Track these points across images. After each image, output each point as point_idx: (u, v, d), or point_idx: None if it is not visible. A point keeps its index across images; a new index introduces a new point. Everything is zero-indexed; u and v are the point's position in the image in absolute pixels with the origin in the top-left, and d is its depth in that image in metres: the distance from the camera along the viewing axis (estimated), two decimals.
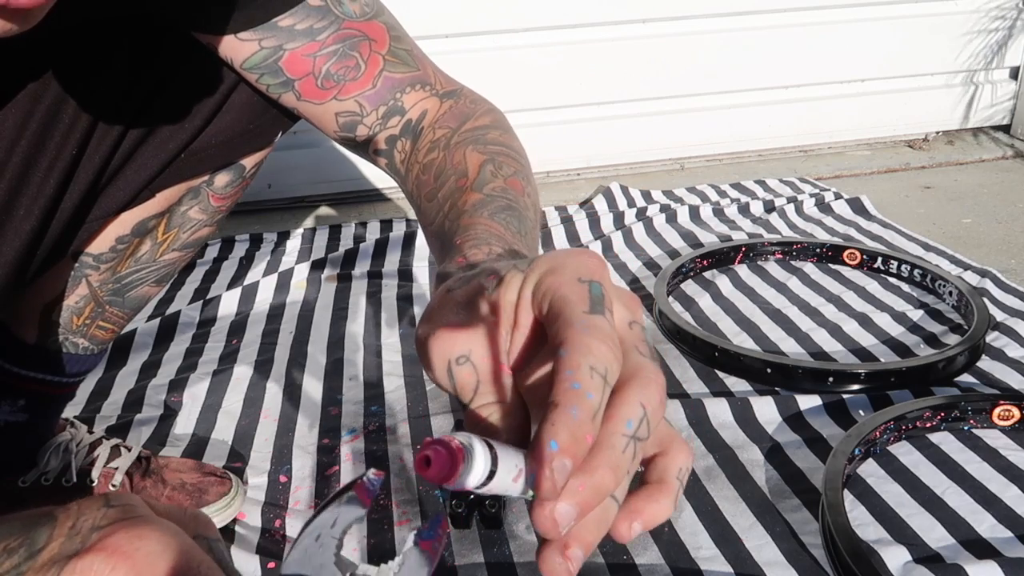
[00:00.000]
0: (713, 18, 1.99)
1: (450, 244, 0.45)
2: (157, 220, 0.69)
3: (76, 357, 0.75)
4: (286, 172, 1.90)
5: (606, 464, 0.27)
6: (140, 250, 0.70)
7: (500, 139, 0.58)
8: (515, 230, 0.46)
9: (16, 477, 0.79)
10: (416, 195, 0.57)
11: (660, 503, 0.30)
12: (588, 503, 0.27)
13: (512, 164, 0.55)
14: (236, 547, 0.81)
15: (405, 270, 1.49)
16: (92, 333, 0.74)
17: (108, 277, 0.71)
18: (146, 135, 0.62)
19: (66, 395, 0.79)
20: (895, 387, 1.04)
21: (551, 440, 0.26)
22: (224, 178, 0.69)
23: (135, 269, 0.71)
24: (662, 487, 0.31)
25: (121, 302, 0.73)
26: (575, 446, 0.27)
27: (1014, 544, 0.79)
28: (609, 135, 2.04)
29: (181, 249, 0.73)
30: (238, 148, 0.67)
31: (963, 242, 1.57)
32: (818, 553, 0.79)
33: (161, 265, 0.73)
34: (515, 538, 0.83)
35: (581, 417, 0.27)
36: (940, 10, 2.10)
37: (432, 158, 0.57)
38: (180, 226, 0.71)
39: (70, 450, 0.81)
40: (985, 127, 2.28)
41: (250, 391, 1.11)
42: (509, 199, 0.50)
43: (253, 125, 0.65)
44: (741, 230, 1.61)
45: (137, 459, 0.84)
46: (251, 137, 0.67)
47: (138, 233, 0.69)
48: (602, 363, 0.28)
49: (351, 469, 0.94)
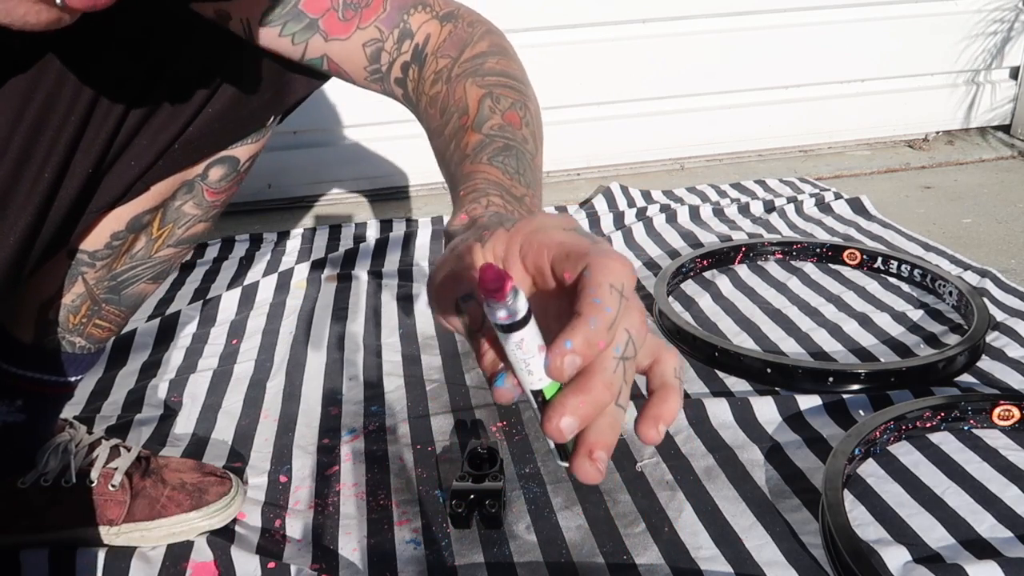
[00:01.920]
0: (713, 18, 1.99)
1: (455, 193, 0.51)
2: (151, 215, 0.68)
3: (73, 357, 0.75)
4: (286, 172, 1.90)
5: (601, 383, 0.33)
6: (135, 247, 0.70)
7: (498, 67, 0.60)
8: (513, 171, 0.52)
9: (15, 478, 0.79)
10: (427, 128, 0.61)
11: (669, 402, 0.36)
12: (588, 415, 0.33)
13: (510, 95, 0.58)
14: (236, 547, 0.81)
15: (405, 270, 1.49)
16: (89, 332, 0.74)
17: (104, 275, 0.70)
18: (142, 122, 0.61)
19: (65, 395, 0.79)
20: (895, 387, 1.04)
21: (567, 340, 0.31)
22: (218, 171, 0.69)
23: (131, 266, 0.71)
24: (666, 389, 0.36)
25: (118, 300, 0.73)
26: (587, 349, 0.31)
27: (1014, 544, 0.79)
28: (609, 135, 2.04)
29: (176, 245, 0.72)
30: (231, 134, 0.67)
31: (963, 242, 1.57)
32: (818, 553, 0.79)
33: (157, 262, 0.72)
34: (515, 538, 0.83)
35: (599, 326, 0.32)
36: (940, 10, 2.10)
37: (437, 91, 0.60)
38: (175, 221, 0.70)
39: (69, 451, 0.81)
40: (985, 127, 2.28)
41: (250, 391, 1.11)
42: (507, 138, 0.55)
43: (246, 110, 0.65)
44: (741, 230, 1.61)
45: (137, 459, 0.84)
46: (244, 122, 0.66)
47: (133, 229, 0.68)
48: (619, 280, 0.33)
49: (351, 469, 0.94)
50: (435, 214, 1.78)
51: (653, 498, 0.88)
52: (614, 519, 0.85)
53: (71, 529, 0.81)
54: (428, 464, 0.95)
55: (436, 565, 0.80)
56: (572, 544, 0.82)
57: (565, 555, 0.81)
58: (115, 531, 0.81)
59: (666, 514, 0.85)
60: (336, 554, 0.82)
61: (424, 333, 1.26)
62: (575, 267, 0.34)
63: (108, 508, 0.81)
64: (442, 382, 1.12)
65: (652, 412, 0.35)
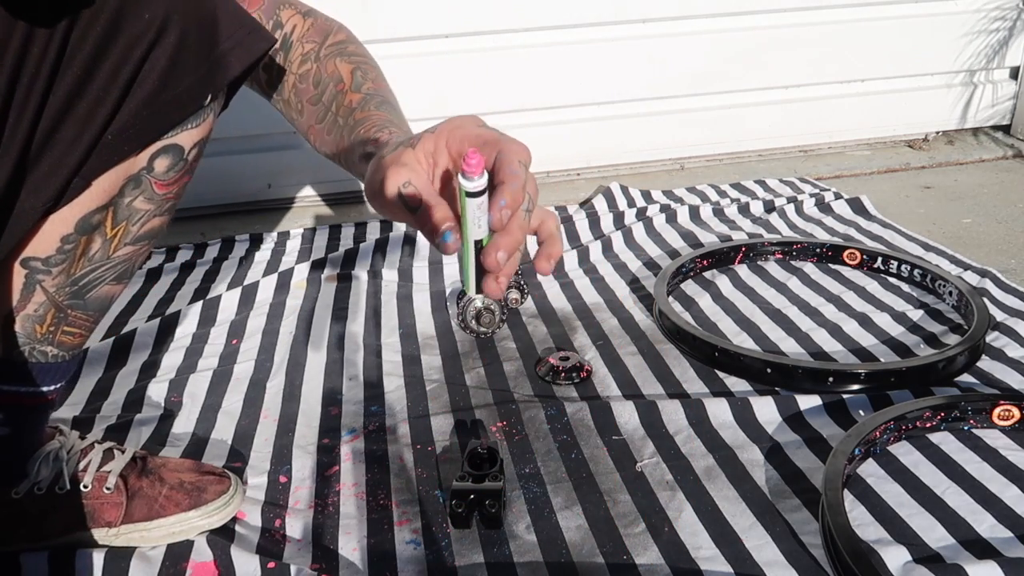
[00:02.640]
0: (713, 18, 1.99)
1: (353, 135, 0.67)
2: (101, 215, 0.67)
3: (47, 366, 0.73)
4: (286, 172, 1.90)
5: (518, 228, 0.49)
6: (91, 249, 0.68)
7: (357, 51, 0.75)
8: (397, 116, 0.68)
9: (8, 489, 0.78)
10: (295, 100, 0.74)
11: (556, 246, 0.53)
12: (511, 250, 0.48)
13: (372, 70, 0.74)
14: (236, 547, 0.81)
15: (405, 270, 1.49)
16: (60, 340, 0.72)
17: (63, 281, 0.69)
18: (65, 109, 0.60)
19: (45, 405, 0.77)
20: (895, 387, 1.04)
21: (501, 200, 0.47)
22: (164, 162, 0.67)
23: (90, 269, 0.70)
24: (552, 238, 0.54)
25: (83, 304, 0.72)
26: (513, 205, 0.48)
27: (1014, 544, 0.79)
28: (609, 135, 2.04)
29: (135, 243, 0.71)
30: (166, 118, 0.65)
31: (963, 242, 1.57)
32: (818, 553, 0.79)
33: (117, 262, 0.71)
34: (515, 538, 0.83)
35: (516, 189, 0.48)
36: (940, 10, 2.10)
37: (307, 69, 0.74)
38: (128, 219, 0.69)
39: (60, 457, 0.80)
40: (985, 127, 2.28)
41: (250, 391, 1.11)
42: (383, 95, 0.71)
43: (177, 90, 0.63)
44: (741, 230, 1.61)
45: (132, 459, 0.84)
46: (178, 104, 0.64)
47: (83, 231, 0.67)
48: (523, 157, 0.49)
49: (351, 469, 0.94)
50: None
51: (653, 498, 0.88)
52: (614, 519, 0.85)
53: (69, 535, 0.80)
54: (428, 464, 0.95)
55: (436, 565, 0.80)
56: (572, 544, 0.82)
57: (565, 555, 0.81)
58: (114, 533, 0.81)
59: (666, 514, 0.85)
60: (336, 554, 0.82)
61: (424, 333, 1.26)
62: (491, 152, 0.50)
63: (105, 511, 0.81)
64: (442, 382, 1.12)
65: (545, 251, 0.53)
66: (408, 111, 0.72)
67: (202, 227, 1.81)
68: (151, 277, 1.51)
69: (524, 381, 1.12)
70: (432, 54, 1.84)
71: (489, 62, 1.89)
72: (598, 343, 1.21)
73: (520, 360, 1.17)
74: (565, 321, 1.29)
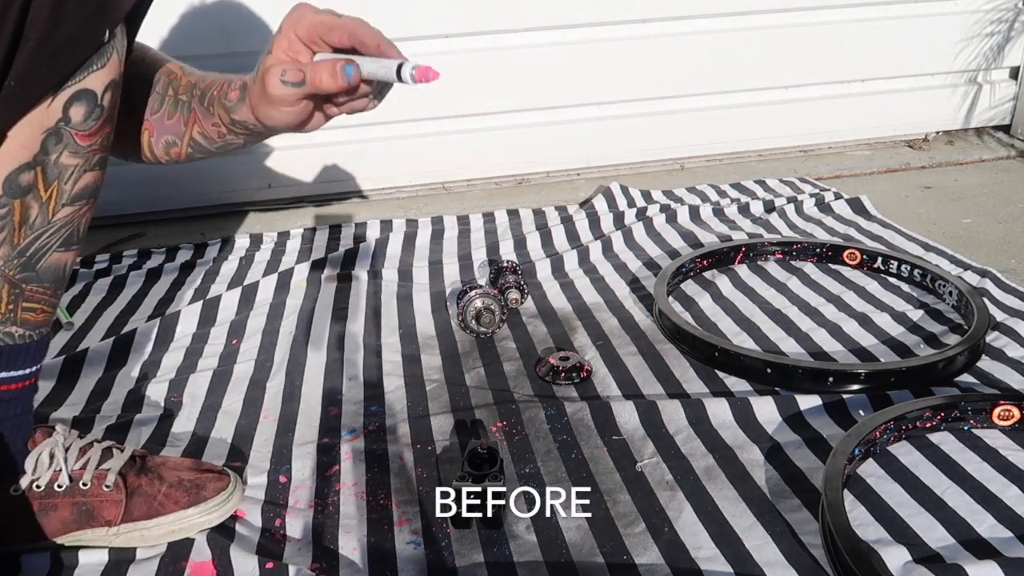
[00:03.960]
0: (713, 18, 1.99)
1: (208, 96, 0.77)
2: (29, 175, 0.66)
3: (17, 348, 0.73)
4: (286, 172, 1.90)
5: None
6: (30, 215, 0.68)
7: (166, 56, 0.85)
8: None
9: (6, 486, 0.78)
10: None
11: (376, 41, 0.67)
12: None
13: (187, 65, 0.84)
14: (236, 546, 0.81)
15: (405, 270, 1.49)
16: (22, 318, 0.72)
17: (9, 252, 0.68)
18: None
19: (25, 390, 0.76)
20: (895, 387, 1.04)
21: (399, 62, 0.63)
22: (80, 111, 0.67)
23: (34, 237, 0.69)
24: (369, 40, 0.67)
25: (36, 276, 0.71)
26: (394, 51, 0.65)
27: (1014, 544, 0.79)
28: (609, 135, 2.04)
29: (72, 203, 0.70)
30: (66, 56, 0.64)
31: (963, 242, 1.57)
32: (818, 553, 0.79)
33: (59, 225, 0.70)
34: (515, 538, 0.83)
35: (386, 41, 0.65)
36: (940, 10, 2.10)
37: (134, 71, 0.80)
38: (59, 177, 0.68)
39: (59, 455, 0.80)
40: (985, 127, 2.28)
41: (250, 391, 1.11)
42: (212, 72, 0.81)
43: (72, 26, 0.63)
44: (741, 230, 1.61)
45: (131, 458, 0.84)
46: (76, 41, 0.64)
47: (13, 193, 0.66)
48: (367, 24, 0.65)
49: (351, 469, 0.94)
50: (435, 214, 1.78)
51: (653, 498, 0.88)
52: (614, 519, 0.85)
53: (69, 533, 0.80)
54: (428, 464, 0.95)
55: (436, 565, 0.80)
56: (572, 544, 0.82)
57: (565, 555, 0.81)
58: (114, 531, 0.81)
59: (666, 514, 0.85)
60: (336, 554, 0.82)
61: (424, 333, 1.26)
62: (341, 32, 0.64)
63: (105, 509, 0.81)
64: (442, 382, 1.12)
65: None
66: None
67: (202, 227, 1.81)
68: (151, 277, 1.51)
69: (524, 381, 1.12)
70: (432, 54, 1.84)
71: (489, 62, 1.89)
72: (598, 343, 1.21)
73: (520, 360, 1.17)
74: (565, 321, 1.29)
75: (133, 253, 1.64)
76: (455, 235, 1.66)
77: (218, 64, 0.77)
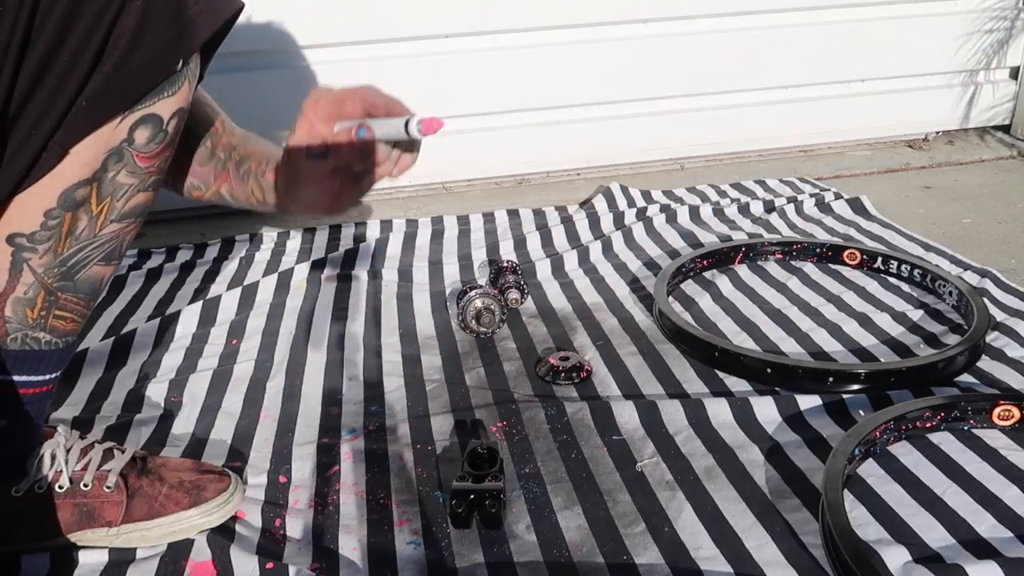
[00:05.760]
0: (713, 18, 1.99)
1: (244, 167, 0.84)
2: (85, 190, 0.67)
3: (41, 354, 0.73)
4: None
5: None
6: (78, 227, 0.68)
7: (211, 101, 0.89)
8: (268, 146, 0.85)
9: (8, 487, 0.78)
10: None
11: None
12: None
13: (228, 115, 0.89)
14: (236, 546, 0.81)
15: (405, 270, 1.49)
16: (52, 325, 0.72)
17: (51, 260, 0.69)
18: (38, 76, 0.60)
19: (41, 396, 0.76)
20: (895, 387, 1.04)
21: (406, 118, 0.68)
22: (144, 133, 0.67)
23: (77, 248, 0.70)
24: None
25: (73, 286, 0.71)
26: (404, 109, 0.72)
27: (1014, 544, 0.79)
28: (609, 135, 2.04)
29: (121, 220, 0.71)
30: (139, 82, 0.65)
31: (963, 242, 1.57)
32: (818, 553, 0.79)
33: (104, 240, 0.71)
34: (515, 538, 0.83)
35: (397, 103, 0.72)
36: (940, 10, 2.10)
37: None
38: (112, 194, 0.68)
39: (60, 456, 0.80)
40: (985, 127, 2.28)
41: (250, 391, 1.11)
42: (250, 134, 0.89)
43: (149, 53, 0.64)
44: (741, 230, 1.61)
45: (132, 459, 0.84)
46: (149, 68, 0.65)
47: (67, 206, 0.67)
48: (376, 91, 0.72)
49: (351, 469, 0.94)
50: (435, 214, 1.78)
51: (653, 498, 0.88)
52: (614, 519, 0.85)
53: (70, 534, 0.80)
54: (428, 464, 0.95)
55: (436, 565, 0.80)
56: (572, 544, 0.82)
57: (565, 555, 0.81)
58: (114, 532, 0.81)
59: (666, 514, 0.85)
60: (336, 554, 0.82)
61: (424, 333, 1.26)
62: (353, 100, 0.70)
63: (105, 510, 0.81)
64: (442, 382, 1.12)
65: None
66: None
67: (202, 227, 1.81)
68: (151, 277, 1.51)
69: (524, 381, 1.12)
70: (432, 54, 1.84)
71: (489, 62, 1.89)
72: (598, 343, 1.21)
73: (520, 360, 1.17)
74: (565, 321, 1.29)
75: (133, 253, 1.64)
76: (455, 235, 1.66)
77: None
